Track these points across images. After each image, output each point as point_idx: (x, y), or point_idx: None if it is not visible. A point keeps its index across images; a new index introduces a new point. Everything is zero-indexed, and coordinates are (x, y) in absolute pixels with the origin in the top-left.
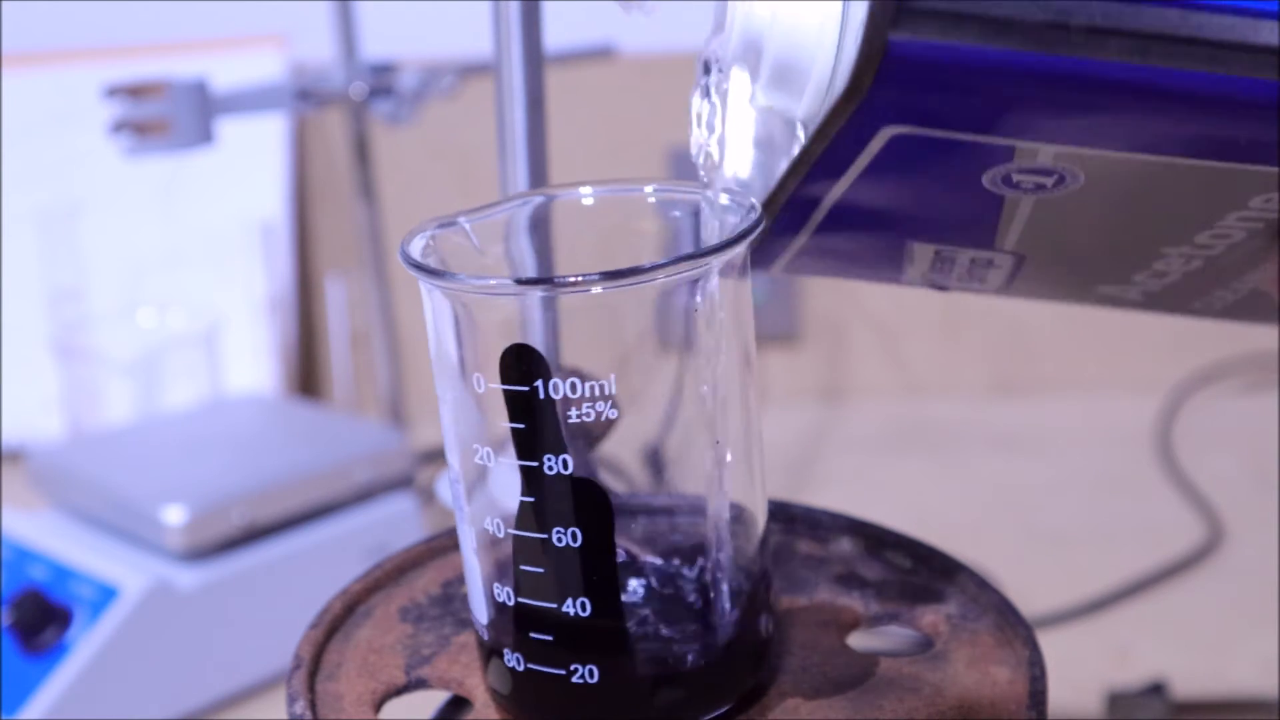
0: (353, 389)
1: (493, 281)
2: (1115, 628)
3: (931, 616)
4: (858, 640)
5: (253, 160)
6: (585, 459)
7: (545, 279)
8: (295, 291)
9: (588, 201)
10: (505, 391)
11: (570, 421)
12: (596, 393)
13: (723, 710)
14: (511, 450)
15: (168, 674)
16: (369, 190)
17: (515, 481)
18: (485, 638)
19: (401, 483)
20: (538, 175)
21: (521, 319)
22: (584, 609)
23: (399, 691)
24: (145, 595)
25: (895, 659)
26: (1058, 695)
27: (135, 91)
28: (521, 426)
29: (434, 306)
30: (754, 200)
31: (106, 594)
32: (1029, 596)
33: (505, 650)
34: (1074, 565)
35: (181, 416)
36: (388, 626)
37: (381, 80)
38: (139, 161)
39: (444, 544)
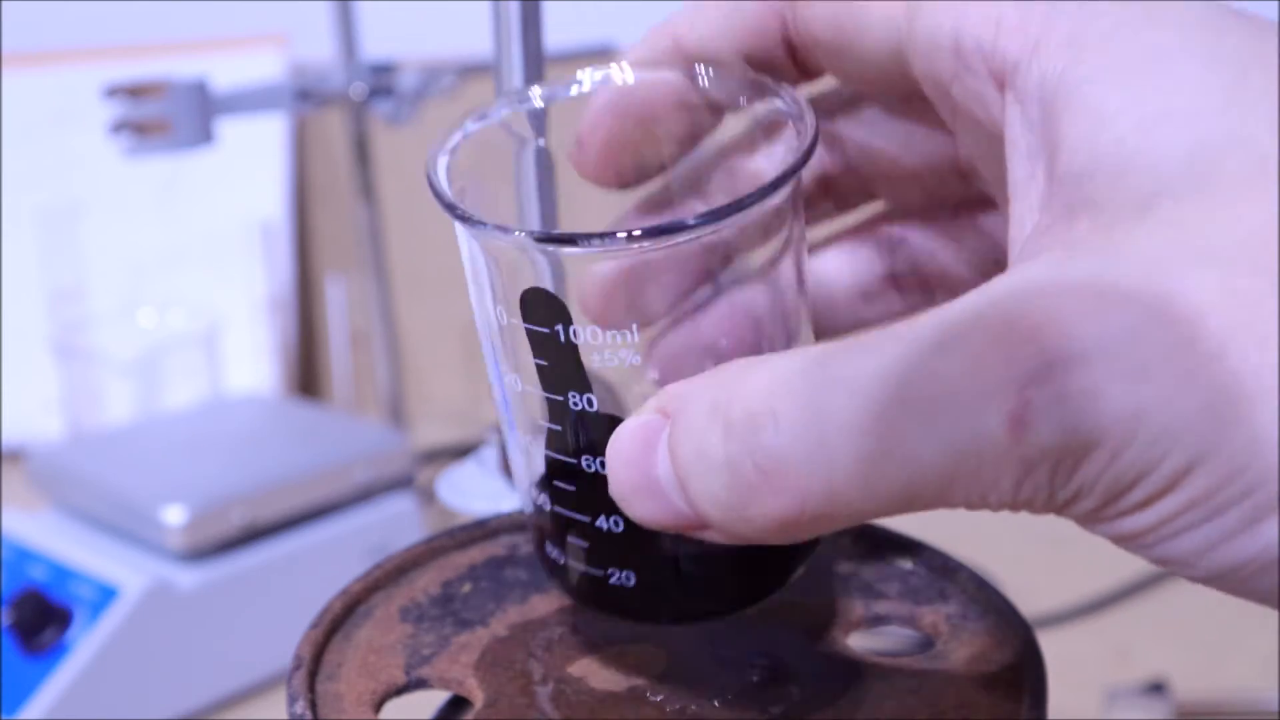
0: (353, 389)
1: (519, 234)
2: (1115, 628)
3: (931, 616)
4: (858, 640)
5: (253, 160)
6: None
7: (573, 236)
8: (295, 291)
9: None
10: (527, 329)
11: (595, 366)
12: (619, 340)
13: (761, 601)
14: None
15: (168, 674)
16: (369, 190)
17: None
18: (530, 526)
19: (401, 483)
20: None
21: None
22: (616, 525)
23: (399, 691)
24: (145, 595)
25: (895, 659)
26: (1058, 695)
27: (135, 91)
28: (545, 363)
29: (461, 233)
30: (805, 108)
31: (106, 594)
32: (1029, 596)
33: (548, 542)
34: (1074, 565)
35: (181, 416)
36: (388, 626)
37: (381, 80)
38: (139, 161)
39: (444, 544)
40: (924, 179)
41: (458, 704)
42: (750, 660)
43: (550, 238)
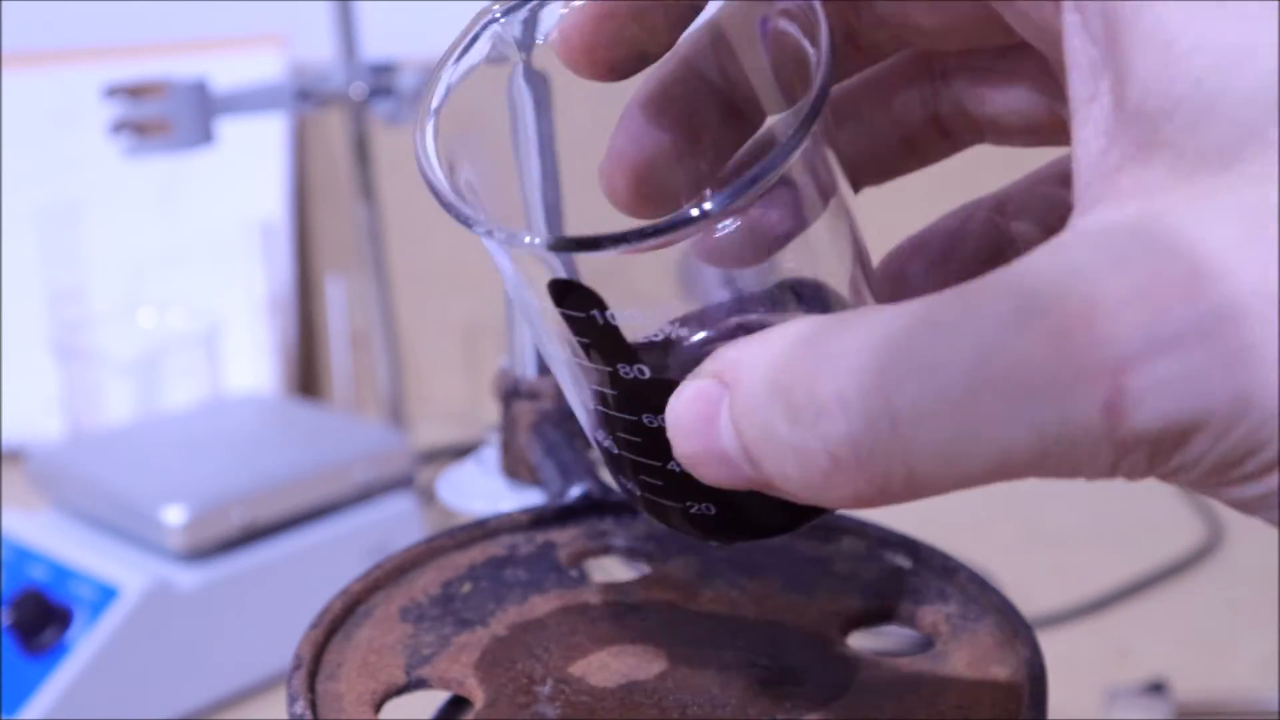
0: (353, 389)
1: (534, 240)
2: (1115, 628)
3: (931, 616)
4: (858, 640)
5: (253, 160)
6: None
7: (595, 239)
8: (295, 291)
9: None
10: (562, 313)
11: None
12: (660, 317)
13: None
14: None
15: (168, 674)
16: (369, 190)
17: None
18: (601, 459)
19: (401, 483)
20: (548, 174)
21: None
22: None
23: (399, 691)
24: (145, 595)
25: (895, 659)
26: (1058, 695)
27: (135, 91)
28: (587, 341)
29: None
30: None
31: (106, 594)
32: (1029, 596)
33: (621, 477)
34: (1074, 565)
35: (181, 416)
36: (388, 626)
37: (381, 80)
38: (139, 161)
39: (444, 544)
40: (963, 32)
41: (458, 704)
42: (750, 660)
43: (566, 244)
